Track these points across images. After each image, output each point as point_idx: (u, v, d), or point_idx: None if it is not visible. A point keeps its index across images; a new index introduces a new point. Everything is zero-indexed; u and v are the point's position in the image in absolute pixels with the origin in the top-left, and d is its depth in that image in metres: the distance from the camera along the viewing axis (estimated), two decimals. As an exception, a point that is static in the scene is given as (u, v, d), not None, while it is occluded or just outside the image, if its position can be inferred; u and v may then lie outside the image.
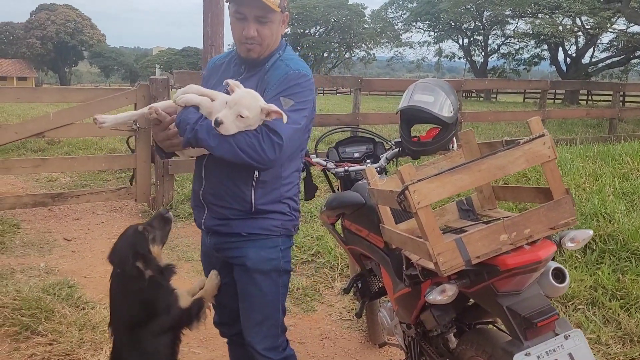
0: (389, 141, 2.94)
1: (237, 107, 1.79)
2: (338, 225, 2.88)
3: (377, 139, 3.00)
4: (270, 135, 1.85)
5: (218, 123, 1.79)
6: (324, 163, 2.85)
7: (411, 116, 2.57)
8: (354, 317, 3.54)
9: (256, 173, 2.01)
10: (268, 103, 1.87)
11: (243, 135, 1.84)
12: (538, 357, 1.58)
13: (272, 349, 2.16)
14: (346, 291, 3.00)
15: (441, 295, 1.70)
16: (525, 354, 1.58)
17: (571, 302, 3.49)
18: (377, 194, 1.92)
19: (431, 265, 1.64)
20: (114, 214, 6.10)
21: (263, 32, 1.97)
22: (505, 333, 1.77)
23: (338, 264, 4.36)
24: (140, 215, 6.04)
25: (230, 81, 1.89)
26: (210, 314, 2.31)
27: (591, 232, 1.73)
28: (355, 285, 2.91)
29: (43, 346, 3.08)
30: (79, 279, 4.17)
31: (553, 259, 1.77)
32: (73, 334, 3.18)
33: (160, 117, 1.99)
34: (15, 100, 7.16)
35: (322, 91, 41.28)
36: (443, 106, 2.44)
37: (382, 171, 2.78)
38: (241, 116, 1.79)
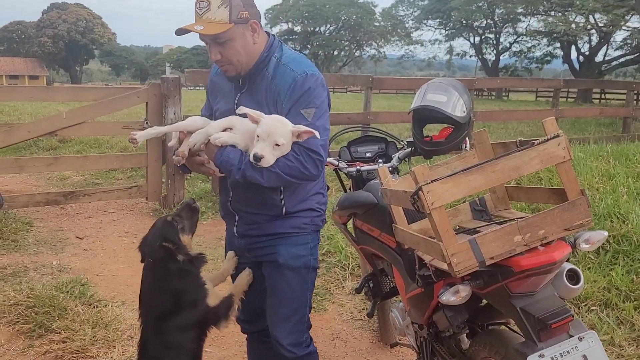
0: (401, 141, 2.93)
1: (272, 137, 1.83)
2: (350, 225, 2.88)
3: (389, 139, 2.99)
4: (310, 155, 1.90)
5: (258, 158, 1.83)
6: (336, 163, 2.85)
7: (424, 116, 2.56)
8: (365, 317, 3.53)
9: None
10: (287, 116, 1.91)
11: (285, 162, 1.88)
12: (552, 358, 1.58)
13: (297, 344, 2.18)
14: (358, 291, 2.99)
15: (455, 296, 1.70)
16: (539, 356, 1.57)
17: (584, 303, 3.46)
18: (390, 194, 1.92)
19: (444, 266, 1.64)
20: (125, 213, 6.14)
21: (225, 52, 1.94)
22: (519, 334, 1.76)
23: (349, 263, 4.35)
24: (151, 213, 6.07)
25: (250, 112, 1.87)
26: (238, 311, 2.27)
27: (606, 233, 1.72)
28: (367, 285, 2.91)
29: (56, 343, 3.11)
30: (91, 277, 4.20)
31: (567, 260, 1.76)
32: (86, 331, 3.21)
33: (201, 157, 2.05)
34: (28, 99, 7.22)
35: (332, 89, 41.29)
36: (456, 106, 2.43)
37: (394, 171, 2.77)
38: (277, 144, 1.84)
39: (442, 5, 38.56)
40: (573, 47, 31.87)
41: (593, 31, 28.23)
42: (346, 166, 2.83)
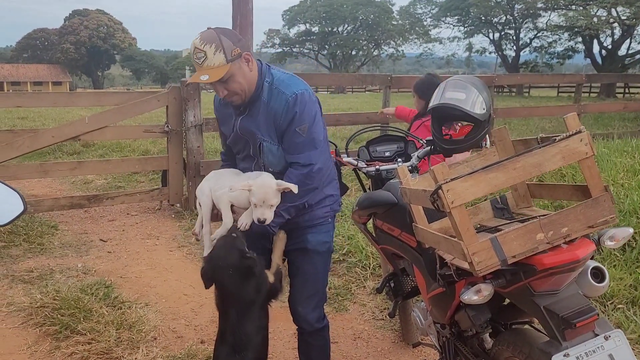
0: (420, 139, 2.91)
1: (267, 202, 2.16)
2: (370, 225, 2.87)
3: (408, 138, 2.97)
4: (305, 174, 2.21)
5: (262, 221, 2.18)
6: (355, 162, 2.84)
7: (444, 114, 2.54)
8: (387, 316, 3.52)
9: None
10: (285, 133, 2.20)
11: (293, 197, 2.20)
12: (577, 358, 1.55)
13: (319, 318, 2.50)
14: (379, 291, 2.98)
15: (477, 295, 1.68)
16: (564, 355, 1.55)
17: (610, 302, 3.41)
18: (410, 193, 1.91)
19: (466, 265, 1.62)
20: (147, 215, 6.21)
21: (230, 87, 2.17)
22: (543, 333, 1.74)
23: (370, 263, 4.34)
24: (173, 216, 6.13)
25: (240, 186, 2.17)
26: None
27: (631, 230, 1.68)
28: (388, 285, 2.89)
29: (82, 345, 3.15)
30: (115, 278, 4.25)
31: (592, 258, 1.73)
32: (111, 333, 3.25)
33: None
34: (52, 105, 7.35)
35: (350, 89, 41.20)
36: (475, 103, 2.40)
37: (414, 170, 2.75)
38: (272, 205, 2.17)
39: (460, 1, 38.27)
40: (595, 41, 31.34)
41: (615, 24, 27.71)
42: (365, 166, 2.83)
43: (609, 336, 1.58)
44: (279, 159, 2.29)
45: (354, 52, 55.73)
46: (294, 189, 2.16)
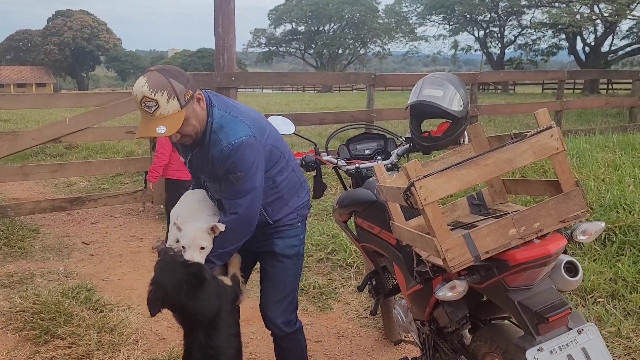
0: (400, 137, 2.92)
1: (195, 244, 2.12)
2: (352, 224, 2.87)
3: (387, 135, 2.98)
4: (241, 213, 2.15)
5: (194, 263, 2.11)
6: (335, 161, 2.84)
7: (421, 111, 2.55)
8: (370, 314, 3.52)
9: None
10: (221, 178, 2.14)
11: (228, 237, 2.15)
12: (551, 352, 1.56)
13: (288, 323, 2.45)
14: (360, 289, 2.98)
15: (451, 291, 1.69)
16: (538, 350, 1.56)
17: (591, 295, 3.43)
18: (386, 190, 1.91)
19: (440, 262, 1.62)
20: (131, 217, 6.16)
21: (184, 131, 2.06)
22: (520, 328, 1.74)
23: (354, 261, 4.34)
24: (157, 217, 6.09)
25: (176, 224, 2.18)
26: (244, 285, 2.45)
27: (603, 224, 1.69)
28: (369, 283, 2.89)
29: (62, 349, 3.12)
30: (97, 282, 4.22)
31: (565, 252, 1.74)
32: (91, 336, 3.22)
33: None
34: (32, 106, 7.25)
35: (337, 88, 41.26)
36: (453, 100, 2.41)
37: (394, 167, 2.76)
38: (202, 248, 2.13)
39: (445, 0, 38.39)
40: (578, 38, 31.57)
41: (598, 21, 27.96)
42: (345, 164, 2.82)
43: (582, 330, 1.59)
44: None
45: (340, 51, 55.77)
46: (221, 227, 2.13)
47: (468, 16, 39.06)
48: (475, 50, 45.10)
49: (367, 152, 2.94)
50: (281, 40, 57.08)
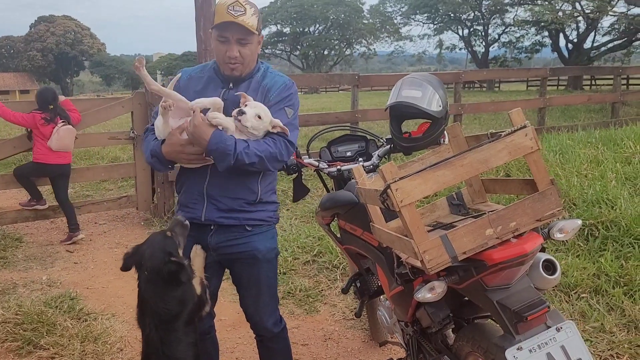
0: (381, 138, 2.92)
1: (257, 109, 2.08)
2: (335, 226, 2.86)
3: (368, 137, 2.97)
4: (289, 146, 2.19)
5: (241, 113, 2.04)
6: (316, 163, 2.83)
7: (400, 112, 2.54)
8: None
9: None
10: (272, 108, 2.16)
11: (267, 147, 2.12)
12: (530, 351, 1.56)
13: (276, 323, 2.47)
14: (344, 291, 2.97)
15: (430, 292, 1.69)
16: (517, 349, 1.56)
17: (574, 291, 3.46)
18: (364, 193, 1.90)
19: (419, 263, 1.62)
20: (116, 224, 6.11)
21: (244, 52, 2.19)
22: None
23: (340, 263, 4.34)
24: (142, 223, 6.05)
25: (245, 94, 2.14)
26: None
27: (580, 221, 1.70)
28: (353, 284, 2.89)
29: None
30: (82, 290, 4.17)
31: (543, 250, 1.75)
32: (75, 346, 3.18)
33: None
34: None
35: (324, 89, 41.25)
36: (432, 101, 2.41)
37: (375, 169, 2.76)
38: (259, 117, 2.07)
39: (429, -1, 38.57)
40: (561, 35, 31.86)
41: (580, 18, 28.24)
42: (327, 166, 2.82)
43: (561, 327, 1.60)
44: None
45: (326, 52, 55.74)
46: (287, 131, 2.16)
47: (452, 15, 39.27)
48: (460, 49, 45.33)
49: (348, 154, 2.94)
50: (266, 42, 56.93)
